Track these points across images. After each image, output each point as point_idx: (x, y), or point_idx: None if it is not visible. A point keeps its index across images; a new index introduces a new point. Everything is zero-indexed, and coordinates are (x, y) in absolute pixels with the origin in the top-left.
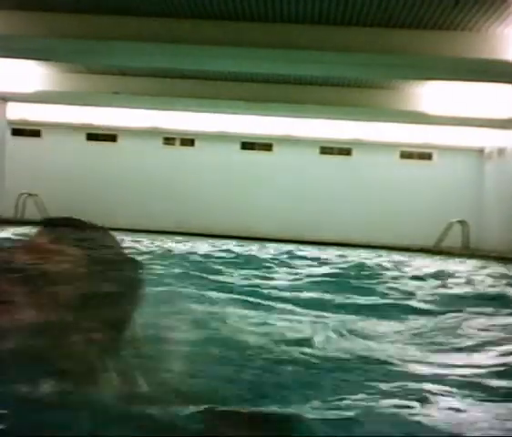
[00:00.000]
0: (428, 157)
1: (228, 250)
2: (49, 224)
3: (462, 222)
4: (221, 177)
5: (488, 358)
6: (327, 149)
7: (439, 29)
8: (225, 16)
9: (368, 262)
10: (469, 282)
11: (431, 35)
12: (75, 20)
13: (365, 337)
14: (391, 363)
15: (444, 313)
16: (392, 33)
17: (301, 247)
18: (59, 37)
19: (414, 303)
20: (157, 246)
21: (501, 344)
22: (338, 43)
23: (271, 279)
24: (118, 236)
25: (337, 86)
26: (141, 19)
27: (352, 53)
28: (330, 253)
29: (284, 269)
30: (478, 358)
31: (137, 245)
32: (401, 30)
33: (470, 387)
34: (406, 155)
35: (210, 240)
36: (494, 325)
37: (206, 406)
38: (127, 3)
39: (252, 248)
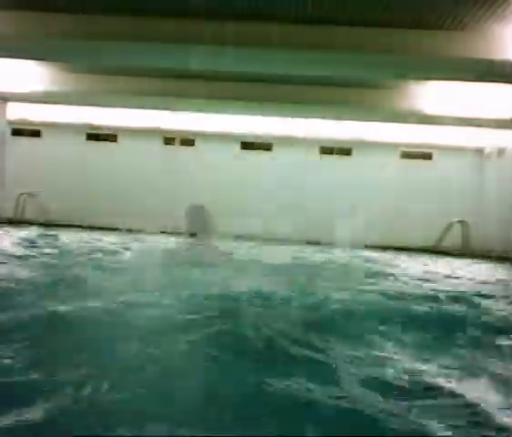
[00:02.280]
0: (428, 157)
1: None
2: None
3: (462, 222)
4: (221, 176)
5: None
6: (327, 149)
7: (439, 29)
8: (225, 16)
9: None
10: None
11: (431, 35)
12: (75, 20)
13: None
14: None
15: None
16: (392, 33)
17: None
18: (59, 37)
19: None
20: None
21: None
22: (338, 43)
23: None
24: (118, 236)
25: (337, 86)
26: (141, 19)
27: (352, 53)
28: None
29: None
30: None
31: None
32: (401, 30)
33: None
34: (406, 155)
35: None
36: None
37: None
38: (127, 3)
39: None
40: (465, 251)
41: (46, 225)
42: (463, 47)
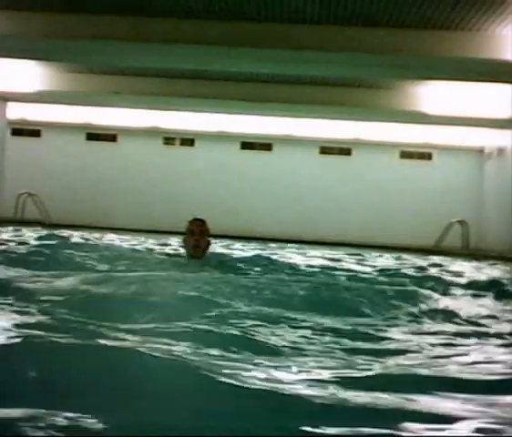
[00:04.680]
0: (428, 157)
1: None
2: None
3: (462, 222)
4: (221, 176)
5: None
6: (327, 149)
7: (439, 29)
8: (225, 16)
9: None
10: None
11: (431, 35)
12: (75, 20)
13: None
14: None
15: None
16: (392, 33)
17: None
18: (59, 37)
19: None
20: None
21: None
22: (338, 43)
23: None
24: (116, 236)
25: (337, 85)
26: (141, 19)
27: (352, 53)
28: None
29: None
30: None
31: None
32: (401, 30)
33: None
34: (406, 155)
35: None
36: None
37: None
38: (126, 3)
39: None
40: (464, 251)
41: (47, 225)
42: (463, 47)
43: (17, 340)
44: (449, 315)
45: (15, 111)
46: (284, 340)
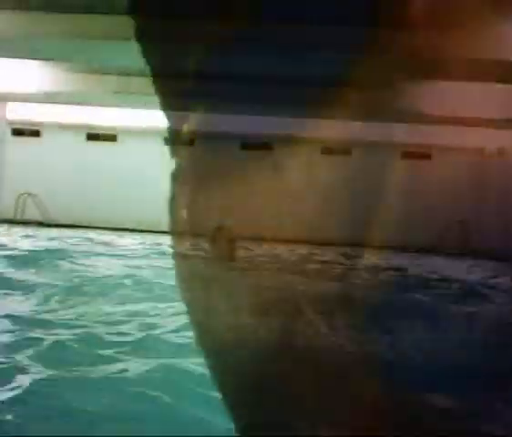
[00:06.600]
0: (428, 157)
1: None
2: None
3: (462, 222)
4: (221, 176)
5: None
6: (327, 149)
7: (440, 29)
8: (225, 16)
9: None
10: None
11: (432, 36)
12: (75, 20)
13: None
14: None
15: None
16: (392, 33)
17: None
18: (59, 37)
19: None
20: None
21: None
22: (337, 43)
23: None
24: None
25: (336, 85)
26: (141, 19)
27: (350, 54)
28: None
29: None
30: None
31: None
32: (401, 30)
33: None
34: (406, 155)
35: None
36: None
37: None
38: (125, 3)
39: None
40: (464, 251)
41: (47, 225)
42: (463, 47)
43: None
44: None
45: (15, 111)
46: None
